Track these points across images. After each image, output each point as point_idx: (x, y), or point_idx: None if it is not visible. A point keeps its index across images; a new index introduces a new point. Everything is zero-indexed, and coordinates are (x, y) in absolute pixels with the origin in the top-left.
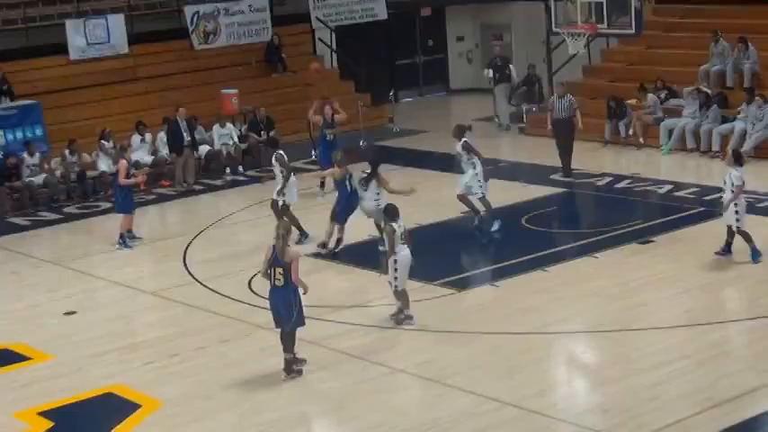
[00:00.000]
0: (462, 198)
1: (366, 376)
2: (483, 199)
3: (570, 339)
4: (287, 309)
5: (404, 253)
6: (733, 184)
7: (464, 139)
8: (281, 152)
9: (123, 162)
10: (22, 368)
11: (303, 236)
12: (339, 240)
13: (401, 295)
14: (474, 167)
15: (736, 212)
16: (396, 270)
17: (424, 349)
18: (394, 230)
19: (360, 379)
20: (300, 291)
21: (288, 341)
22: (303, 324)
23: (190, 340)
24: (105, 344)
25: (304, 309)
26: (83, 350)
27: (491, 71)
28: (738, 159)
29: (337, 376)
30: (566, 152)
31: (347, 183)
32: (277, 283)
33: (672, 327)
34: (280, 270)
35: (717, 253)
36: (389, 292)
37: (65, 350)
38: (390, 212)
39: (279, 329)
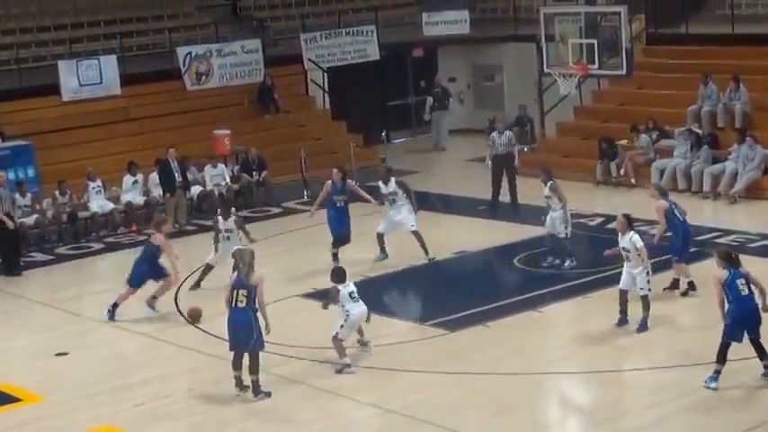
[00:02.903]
0: (551, 236)
1: (357, 416)
2: (566, 239)
3: (563, 380)
4: (247, 331)
5: (358, 310)
6: (637, 248)
7: (551, 181)
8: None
9: (162, 237)
10: (12, 410)
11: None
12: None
13: (338, 345)
14: (561, 209)
15: (647, 274)
16: (344, 323)
17: (415, 389)
18: (339, 291)
19: (350, 420)
20: (261, 321)
21: (253, 363)
22: (263, 347)
23: (182, 381)
24: (96, 385)
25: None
26: (73, 391)
27: (431, 99)
28: (631, 222)
29: (327, 416)
30: (511, 185)
31: None
32: (239, 304)
33: (665, 367)
34: (243, 292)
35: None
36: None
37: (55, 391)
38: (336, 275)
39: (232, 352)
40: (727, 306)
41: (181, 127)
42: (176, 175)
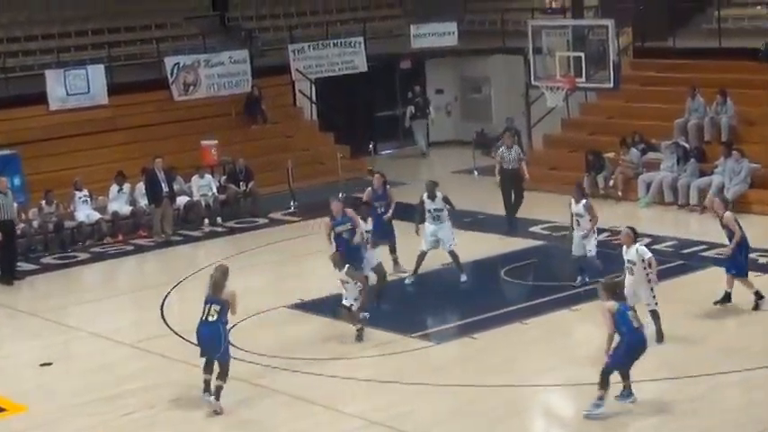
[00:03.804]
0: (579, 259)
1: (343, 428)
2: (595, 258)
3: (548, 393)
4: (214, 344)
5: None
6: (643, 261)
7: (585, 200)
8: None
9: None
10: None
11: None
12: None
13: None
14: (590, 228)
15: (652, 290)
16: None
17: (401, 401)
18: None
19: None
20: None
21: (222, 371)
22: (228, 359)
23: (167, 391)
24: (82, 395)
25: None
26: (59, 401)
27: (412, 108)
28: (636, 234)
29: (313, 428)
30: (516, 201)
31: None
32: (210, 317)
33: (649, 380)
34: (216, 308)
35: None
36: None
37: (40, 402)
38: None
39: (204, 358)
40: (618, 338)
41: (168, 137)
42: (163, 185)
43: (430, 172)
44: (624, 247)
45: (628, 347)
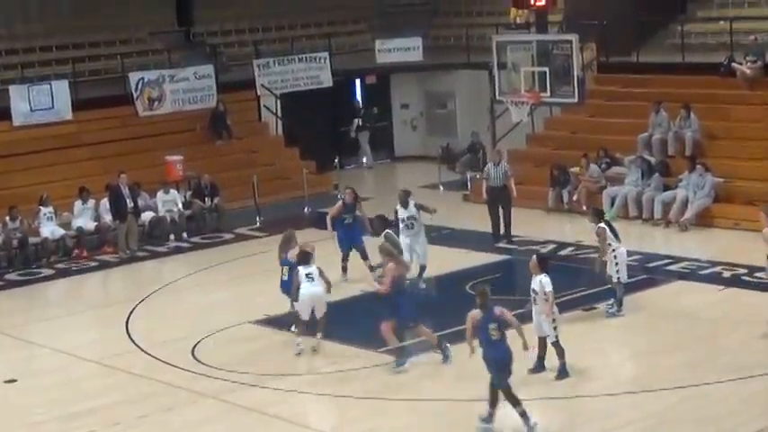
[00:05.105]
0: (610, 280)
1: None
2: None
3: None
4: None
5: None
6: (545, 293)
7: (601, 224)
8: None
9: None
10: None
11: None
12: None
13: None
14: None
15: (554, 320)
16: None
17: (368, 416)
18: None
19: None
20: None
21: None
22: None
23: (132, 408)
24: (45, 412)
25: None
26: (22, 419)
27: (360, 120)
28: (546, 264)
29: None
30: (506, 219)
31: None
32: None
33: (617, 393)
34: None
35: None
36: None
37: (3, 419)
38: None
39: None
40: (481, 350)
41: (133, 152)
42: (128, 200)
43: (396, 187)
44: (532, 275)
45: (484, 361)
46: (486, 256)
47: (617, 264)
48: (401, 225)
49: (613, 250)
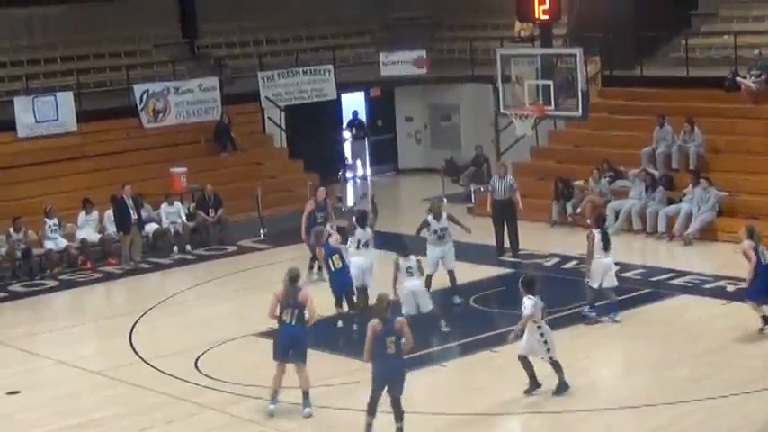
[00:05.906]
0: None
1: None
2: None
3: (516, 421)
4: None
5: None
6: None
7: (595, 230)
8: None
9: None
10: None
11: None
12: None
13: None
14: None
15: (545, 342)
16: None
17: (372, 429)
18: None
19: None
20: None
21: None
22: None
23: (135, 420)
24: (49, 424)
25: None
26: (25, 431)
27: (354, 129)
28: (531, 286)
29: None
30: (512, 232)
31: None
32: None
33: (617, 408)
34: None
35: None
36: None
37: (7, 430)
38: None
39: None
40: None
41: (137, 164)
42: (131, 212)
43: (399, 200)
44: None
45: (376, 375)
46: (491, 270)
47: (596, 271)
48: (432, 236)
49: (598, 257)
